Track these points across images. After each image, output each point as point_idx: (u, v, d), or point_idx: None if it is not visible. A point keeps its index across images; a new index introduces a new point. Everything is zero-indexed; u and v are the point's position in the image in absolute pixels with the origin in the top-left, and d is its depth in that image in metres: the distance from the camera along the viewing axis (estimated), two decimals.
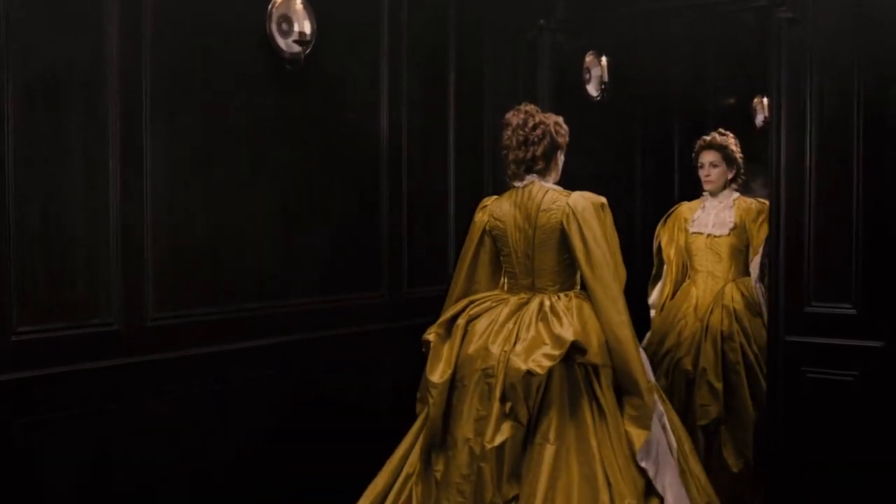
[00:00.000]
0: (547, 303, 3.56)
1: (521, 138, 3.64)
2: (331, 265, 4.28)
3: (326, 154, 4.24)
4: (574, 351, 3.42)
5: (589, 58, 5.75)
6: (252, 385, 3.92)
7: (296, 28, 3.98)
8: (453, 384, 3.56)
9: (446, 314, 3.71)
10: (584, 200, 3.54)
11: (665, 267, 5.32)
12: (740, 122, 6.19)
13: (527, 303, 3.60)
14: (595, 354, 3.44)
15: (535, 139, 3.63)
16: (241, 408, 3.88)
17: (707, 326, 4.94)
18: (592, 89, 5.78)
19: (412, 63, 4.61)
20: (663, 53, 6.08)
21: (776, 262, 4.16)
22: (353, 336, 4.34)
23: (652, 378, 3.66)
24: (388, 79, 4.49)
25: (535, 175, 3.65)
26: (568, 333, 3.40)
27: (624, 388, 3.49)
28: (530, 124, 3.65)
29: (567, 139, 3.72)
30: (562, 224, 3.53)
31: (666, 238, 5.32)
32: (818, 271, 4.03)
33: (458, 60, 4.87)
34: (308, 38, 4.00)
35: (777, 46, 4.08)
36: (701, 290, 5.09)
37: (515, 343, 3.46)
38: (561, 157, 3.74)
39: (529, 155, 3.63)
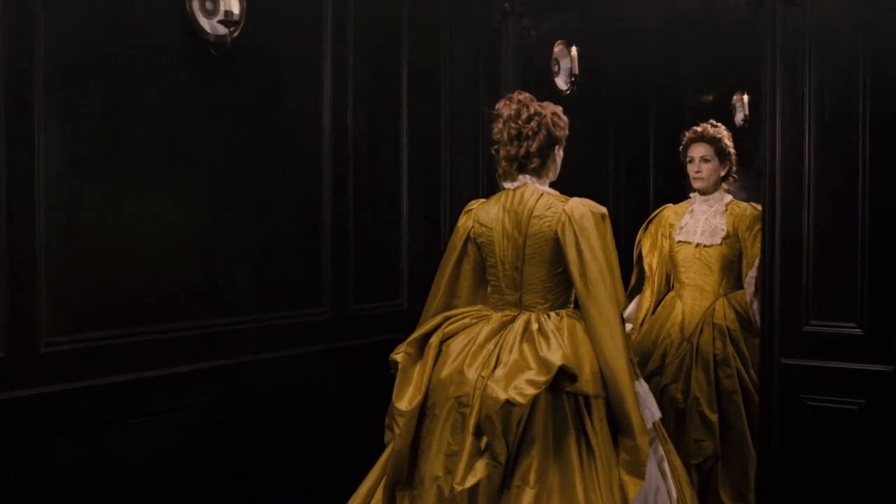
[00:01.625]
0: (534, 322, 3.30)
1: (513, 132, 3.36)
2: (264, 277, 3.90)
3: (259, 150, 3.87)
4: (563, 378, 3.13)
5: (558, 47, 5.39)
6: (171, 419, 3.53)
7: (222, 7, 3.59)
8: (423, 412, 3.30)
9: (418, 331, 3.44)
10: (583, 207, 3.28)
11: (646, 278, 4.95)
12: (719, 120, 5.70)
13: (511, 321, 3.33)
14: (587, 383, 3.17)
15: (530, 133, 3.35)
16: (159, 446, 3.48)
17: (697, 348, 4.57)
18: (562, 82, 5.45)
19: (360, 50, 4.27)
20: (637, 45, 5.77)
21: (770, 274, 3.84)
22: (291, 360, 3.97)
23: (656, 413, 3.38)
24: (331, 67, 4.14)
25: (528, 175, 3.40)
26: (556, 357, 3.12)
27: (618, 425, 3.20)
28: (524, 116, 3.37)
29: (566, 132, 3.47)
30: (556, 233, 3.28)
31: (648, 245, 4.96)
32: (818, 285, 3.74)
33: (413, 47, 4.55)
34: (236, 18, 3.61)
35: (771, 31, 3.79)
36: (688, 306, 4.73)
37: (495, 367, 3.18)
38: (559, 154, 3.48)
39: (523, 151, 3.36)
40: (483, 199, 3.57)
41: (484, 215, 3.45)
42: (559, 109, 3.46)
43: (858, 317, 3.68)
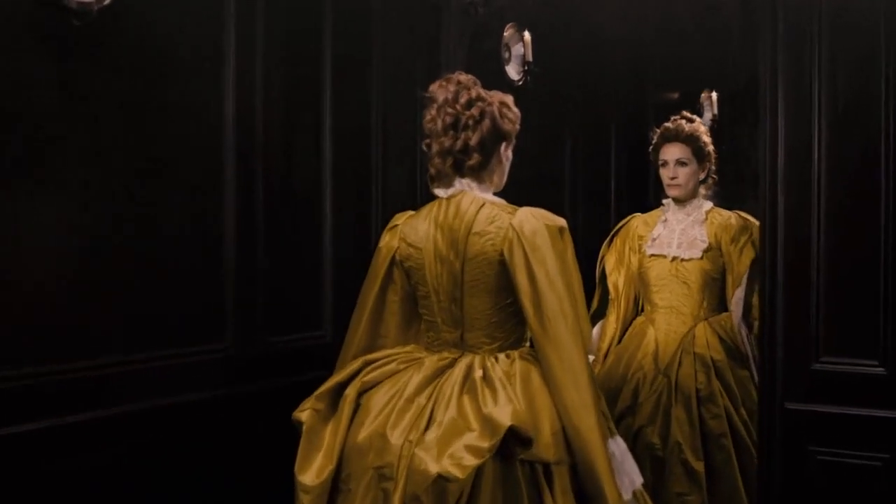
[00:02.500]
0: (478, 367, 2.83)
1: (448, 120, 2.88)
2: (147, 307, 3.23)
3: (140, 147, 3.19)
4: (514, 442, 2.63)
5: (509, 31, 4.96)
6: (25, 488, 2.80)
7: None
8: (336, 486, 2.82)
9: (332, 379, 2.97)
10: (535, 220, 2.79)
11: (610, 300, 4.50)
12: None
13: (450, 366, 2.86)
14: (546, 447, 2.66)
15: (470, 122, 2.87)
16: None
17: (676, 384, 4.10)
18: (513, 71, 5.02)
19: (272, 25, 3.66)
20: (597, 34, 5.59)
21: (771, 300, 3.34)
22: (182, 409, 3.30)
23: (637, 480, 2.87)
24: (234, 45, 3.50)
25: (467, 179, 2.92)
26: (504, 415, 2.62)
27: (587, 498, 2.69)
28: (463, 100, 2.89)
29: (517, 127, 2.99)
30: (501, 254, 2.79)
31: (613, 261, 4.51)
32: (830, 313, 3.26)
33: (338, 25, 3.98)
34: None
35: (771, 12, 3.35)
36: (662, 332, 4.26)
37: (427, 428, 2.70)
38: (507, 154, 3.00)
39: (460, 144, 2.87)
40: (411, 212, 3.07)
41: (412, 233, 2.96)
42: (509, 99, 2.99)
43: (881, 352, 3.19)
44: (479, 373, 2.78)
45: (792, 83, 3.28)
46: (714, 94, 6.26)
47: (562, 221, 2.85)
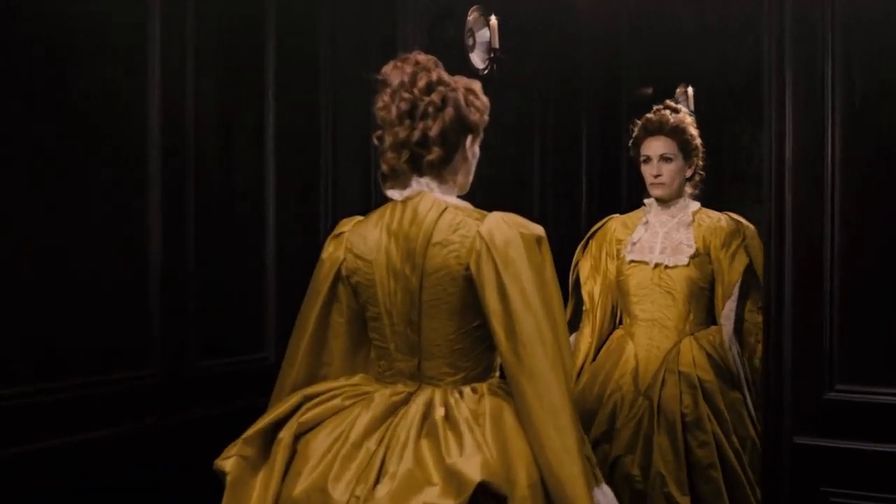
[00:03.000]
0: (439, 404, 2.48)
1: (404, 107, 2.53)
2: (58, 328, 2.88)
3: (43, 146, 2.85)
4: (485, 500, 2.30)
5: (473, 15, 4.72)
6: None
7: None
8: None
9: (263, 419, 2.58)
10: (507, 228, 2.45)
11: (584, 311, 4.22)
12: None
13: (405, 402, 2.52)
14: (523, 500, 2.30)
15: (430, 109, 2.53)
16: None
17: (658, 407, 3.82)
18: (478, 59, 4.77)
19: (204, 12, 3.36)
20: (569, 21, 5.40)
21: (777, 317, 3.06)
22: (101, 445, 2.97)
23: None
24: (160, 30, 3.19)
25: (427, 178, 2.58)
26: (472, 468, 2.27)
27: None
28: (422, 84, 2.53)
29: (485, 119, 2.65)
30: (468, 268, 2.46)
31: (588, 268, 4.23)
32: (847, 332, 2.97)
33: (280, 10, 3.71)
34: None
35: None
36: (643, 347, 3.97)
37: (377, 481, 2.36)
38: (473, 149, 2.66)
39: (417, 136, 2.52)
40: (360, 217, 2.73)
41: (360, 242, 2.61)
42: (476, 85, 2.65)
43: None
44: (440, 412, 2.43)
45: (801, 73, 3.03)
46: (690, 90, 6.13)
47: (539, 230, 2.50)
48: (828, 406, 3.02)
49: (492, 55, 4.77)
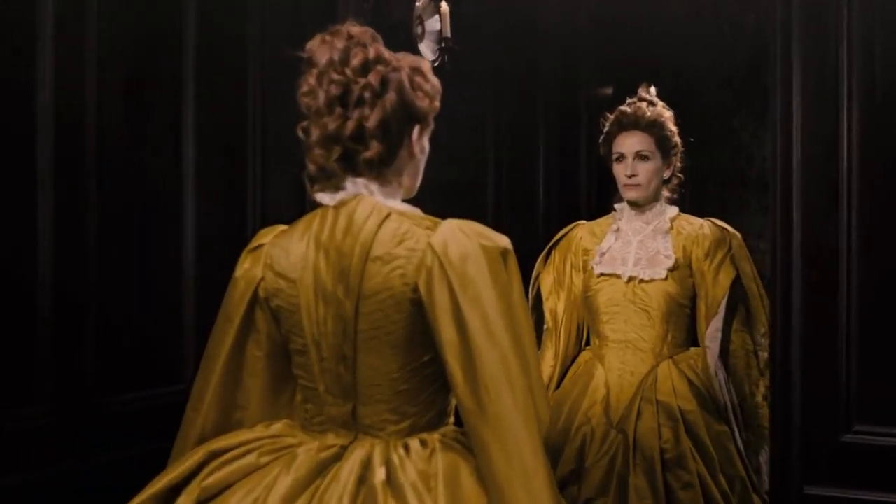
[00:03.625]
0: (379, 464, 2.14)
1: (335, 91, 2.18)
2: None
3: None
4: None
5: (422, 1, 4.51)
6: None
7: None
8: None
9: (158, 481, 2.22)
10: (465, 239, 2.10)
11: (546, 330, 3.96)
12: None
13: (336, 460, 2.17)
14: None
15: (367, 94, 2.18)
16: None
17: (634, 442, 3.56)
18: (426, 49, 4.55)
19: None
20: (525, 11, 5.23)
21: (784, 343, 2.84)
22: None
23: None
24: (54, 13, 2.90)
25: (364, 180, 2.24)
26: None
27: None
28: (356, 62, 2.18)
29: (436, 106, 2.32)
30: (416, 290, 2.13)
31: (550, 282, 3.97)
32: (868, 364, 2.74)
33: None
34: None
35: None
36: (614, 373, 3.70)
37: None
38: (422, 143, 2.32)
39: (352, 128, 2.17)
40: (284, 227, 2.39)
41: (282, 257, 2.26)
42: (425, 64, 2.31)
43: None
44: (380, 474, 2.08)
45: (812, 64, 2.84)
46: (653, 89, 5.86)
47: (505, 241, 2.14)
48: (844, 451, 2.80)
49: (442, 45, 4.53)
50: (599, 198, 5.45)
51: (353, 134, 2.13)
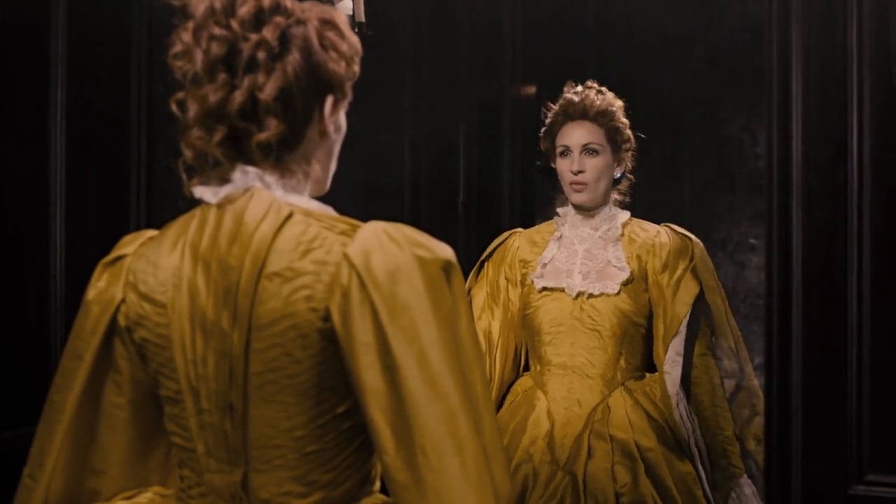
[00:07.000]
0: None
1: (217, 51, 1.73)
2: None
3: None
4: None
5: None
6: None
7: None
8: None
9: None
10: (394, 249, 1.72)
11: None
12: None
13: None
14: None
15: (261, 56, 1.74)
16: None
17: (585, 484, 3.32)
18: None
19: None
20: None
21: (782, 378, 2.61)
22: None
23: None
24: None
25: (257, 170, 1.80)
26: None
27: None
28: (245, 12, 1.74)
29: (355, 71, 1.89)
30: (327, 318, 1.71)
31: (483, 299, 3.76)
32: (881, 402, 2.52)
33: None
34: None
35: None
36: (559, 403, 3.47)
37: None
38: (336, 119, 1.88)
39: (240, 101, 1.73)
40: (152, 232, 1.99)
41: (148, 273, 1.85)
42: (339, 17, 1.94)
43: None
44: None
45: (815, 49, 2.61)
46: (580, 89, 5.89)
47: (447, 251, 1.74)
48: (854, 502, 2.52)
49: (356, 30, 4.10)
50: (525, 205, 5.45)
51: (243, 108, 1.72)
